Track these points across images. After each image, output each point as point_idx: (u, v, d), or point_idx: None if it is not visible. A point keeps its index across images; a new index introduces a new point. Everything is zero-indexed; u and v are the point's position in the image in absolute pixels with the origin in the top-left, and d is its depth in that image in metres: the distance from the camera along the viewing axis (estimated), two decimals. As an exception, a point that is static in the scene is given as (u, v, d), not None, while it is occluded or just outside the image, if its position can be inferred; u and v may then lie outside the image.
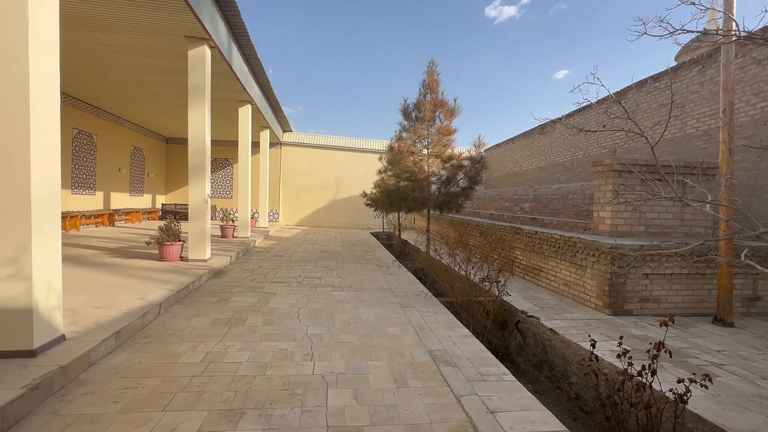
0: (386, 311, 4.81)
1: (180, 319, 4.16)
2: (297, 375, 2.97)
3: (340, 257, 9.08)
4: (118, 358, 3.14)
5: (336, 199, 18.99)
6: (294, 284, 6.04)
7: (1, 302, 2.69)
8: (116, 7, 5.77)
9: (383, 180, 11.52)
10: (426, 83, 8.80)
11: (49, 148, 2.88)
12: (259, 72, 10.13)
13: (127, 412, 2.38)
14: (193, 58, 6.71)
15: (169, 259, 6.73)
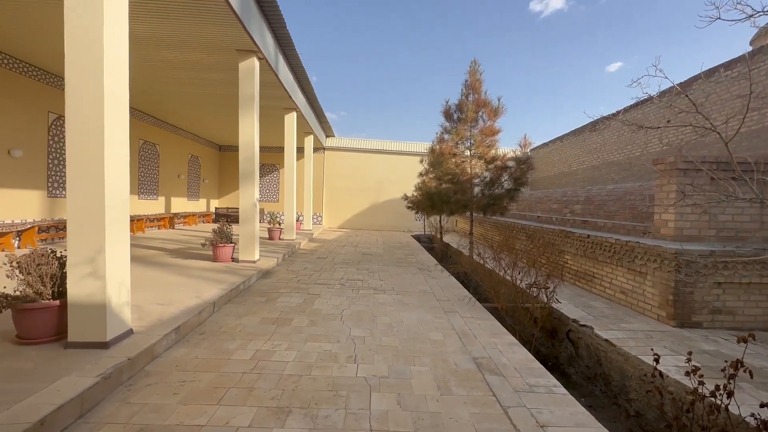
0: (428, 315, 4.75)
1: (232, 317, 4.39)
2: (341, 377, 3.01)
3: (382, 260, 9.13)
4: (177, 352, 3.37)
5: (377, 201, 19.15)
6: (337, 286, 6.16)
7: (81, 298, 2.99)
8: (177, 27, 6.25)
9: (424, 182, 11.44)
10: (468, 83, 8.62)
11: (120, 160, 3.16)
12: (304, 80, 10.49)
13: (185, 404, 2.54)
14: (244, 69, 7.10)
15: (222, 260, 7.14)
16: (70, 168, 2.96)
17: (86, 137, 2.96)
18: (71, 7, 2.93)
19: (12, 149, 7.82)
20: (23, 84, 8.11)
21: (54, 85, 8.87)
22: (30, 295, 3.03)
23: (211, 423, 2.34)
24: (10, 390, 2.35)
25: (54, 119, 8.94)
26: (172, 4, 5.57)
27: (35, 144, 8.47)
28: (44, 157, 8.74)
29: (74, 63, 2.95)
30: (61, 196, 9.20)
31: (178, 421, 2.34)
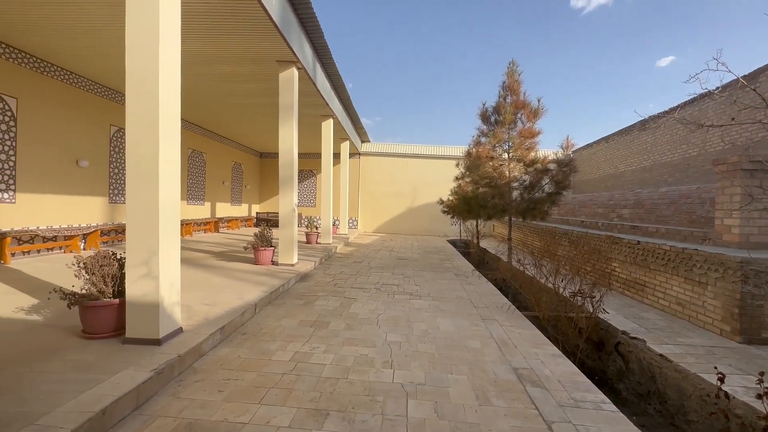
0: (466, 323, 4.65)
1: (272, 318, 4.54)
2: (377, 382, 3.01)
3: (417, 265, 9.08)
4: (222, 351, 3.53)
5: (412, 206, 19.10)
6: (373, 290, 6.19)
7: (137, 297, 3.22)
8: (223, 43, 6.62)
9: (460, 186, 11.27)
10: (506, 85, 8.41)
11: (172, 169, 3.38)
12: (340, 87, 10.72)
13: (229, 401, 2.65)
14: (283, 80, 7.37)
15: (263, 263, 7.41)
16: (129, 177, 3.21)
17: (143, 148, 3.19)
18: (132, 29, 3.18)
19: (80, 160, 8.61)
20: (89, 99, 8.91)
21: (114, 99, 9.67)
22: (94, 293, 3.30)
23: (253, 421, 2.42)
24: (78, 380, 2.57)
25: (115, 131, 9.75)
26: (219, 23, 5.91)
27: (98, 154, 9.27)
28: (106, 167, 9.53)
29: (133, 80, 3.20)
30: (120, 202, 9.98)
31: (223, 418, 2.44)
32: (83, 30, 6.25)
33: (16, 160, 7.19)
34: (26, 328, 3.53)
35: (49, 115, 7.86)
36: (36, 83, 7.55)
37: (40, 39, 6.71)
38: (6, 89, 6.98)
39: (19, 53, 7.19)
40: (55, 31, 6.34)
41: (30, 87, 7.43)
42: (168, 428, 2.32)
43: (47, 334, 3.38)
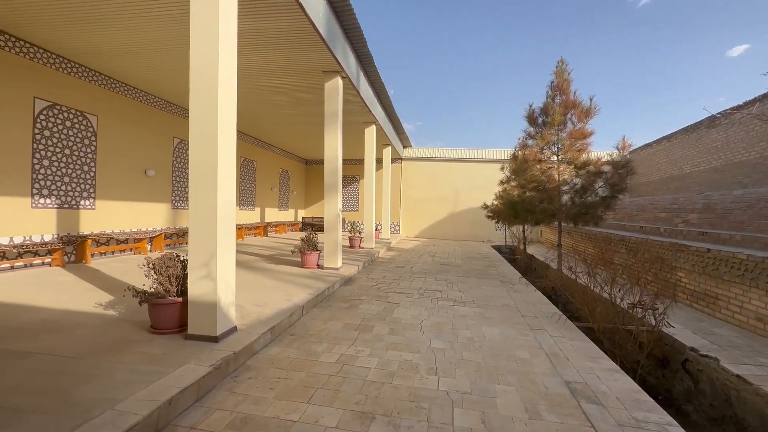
0: (513, 331, 4.49)
1: (318, 321, 4.68)
2: (422, 388, 3.00)
3: (461, 270, 8.91)
4: (272, 350, 3.70)
5: (455, 211, 18.82)
6: (416, 296, 6.17)
7: (197, 297, 3.47)
8: (272, 57, 6.99)
9: (506, 190, 10.95)
10: (554, 84, 8.07)
11: (228, 176, 3.62)
12: (383, 94, 10.87)
13: (280, 399, 2.77)
14: (328, 89, 7.62)
15: (309, 266, 7.66)
16: (191, 185, 3.48)
17: (203, 159, 3.45)
18: (195, 51, 3.46)
19: (147, 169, 9.45)
20: (155, 114, 9.78)
21: (176, 113, 10.53)
22: (161, 292, 3.60)
23: (303, 420, 2.50)
24: (147, 371, 2.81)
25: (177, 143, 10.60)
26: (268, 39, 6.26)
27: (163, 164, 10.12)
28: (169, 175, 10.38)
29: (196, 97, 3.47)
30: (180, 207, 10.81)
31: (275, 415, 2.55)
32: (149, 53, 6.90)
33: (96, 171, 8.05)
34: (104, 322, 3.93)
35: (123, 129, 8.74)
36: (112, 101, 8.43)
37: (114, 62, 7.49)
38: (89, 108, 7.86)
39: (99, 75, 8.07)
40: (127, 54, 7.05)
41: (107, 105, 8.31)
42: (225, 421, 2.46)
43: (121, 328, 3.73)
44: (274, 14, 5.54)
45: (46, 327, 3.71)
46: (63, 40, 6.57)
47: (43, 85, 6.94)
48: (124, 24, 5.86)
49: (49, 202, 7.13)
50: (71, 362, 2.93)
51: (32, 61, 6.75)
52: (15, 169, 6.53)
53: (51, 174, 7.13)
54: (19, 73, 6.56)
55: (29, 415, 2.20)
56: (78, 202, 7.70)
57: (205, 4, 3.44)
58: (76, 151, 7.60)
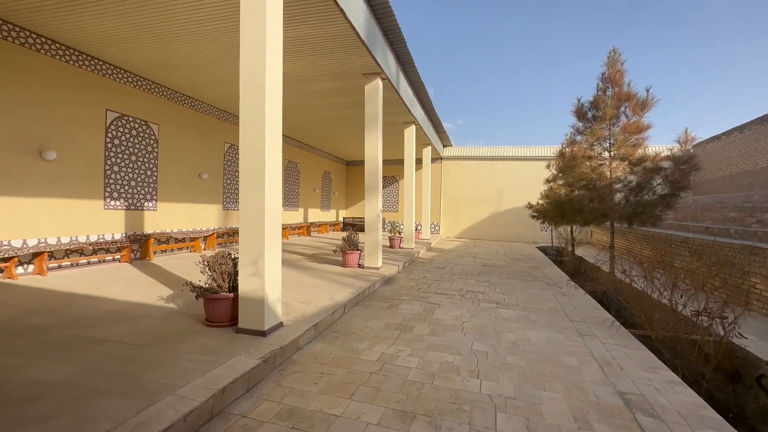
0: (560, 336, 4.30)
1: (359, 319, 4.76)
2: (463, 390, 2.96)
3: (504, 272, 8.66)
4: (315, 346, 3.82)
5: (497, 211, 18.30)
6: (457, 297, 6.09)
7: (247, 293, 3.67)
8: (315, 62, 7.21)
9: (552, 189, 10.48)
10: (606, 76, 7.60)
11: (275, 180, 3.79)
12: (422, 94, 10.83)
13: (324, 393, 2.86)
14: (369, 91, 7.73)
15: (350, 266, 7.81)
16: (241, 188, 3.69)
17: (252, 163, 3.65)
18: (245, 59, 3.67)
19: (201, 173, 10.13)
20: (208, 121, 10.45)
21: (227, 120, 11.18)
22: (214, 287, 3.85)
23: (345, 415, 2.57)
24: (203, 361, 3.02)
25: (227, 147, 11.26)
26: (310, 45, 6.47)
27: (215, 168, 10.79)
28: (221, 178, 11.05)
29: (246, 105, 3.67)
30: (230, 209, 11.47)
31: (318, 408, 2.64)
32: (203, 64, 7.39)
33: (157, 175, 8.76)
34: (166, 313, 4.28)
35: (180, 136, 9.43)
36: (171, 110, 9.13)
37: (173, 74, 8.11)
38: (151, 117, 8.57)
39: (160, 87, 8.78)
40: (184, 67, 7.60)
41: (167, 114, 9.01)
42: (273, 412, 2.59)
43: (180, 320, 4.04)
44: (316, 21, 5.72)
45: (117, 317, 4.10)
46: (129, 57, 7.22)
47: (113, 98, 7.68)
48: (182, 39, 6.33)
49: (118, 204, 7.87)
50: (138, 349, 3.22)
51: (104, 77, 7.49)
52: (91, 175, 7.28)
53: (120, 179, 7.86)
54: (94, 89, 7.30)
55: (105, 395, 2.45)
56: (142, 204, 8.42)
57: (253, 16, 3.63)
58: (140, 157, 8.33)
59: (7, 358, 2.99)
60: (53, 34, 6.32)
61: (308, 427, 2.42)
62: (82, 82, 7.08)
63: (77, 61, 6.96)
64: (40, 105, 6.41)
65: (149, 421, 2.17)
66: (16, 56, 6.07)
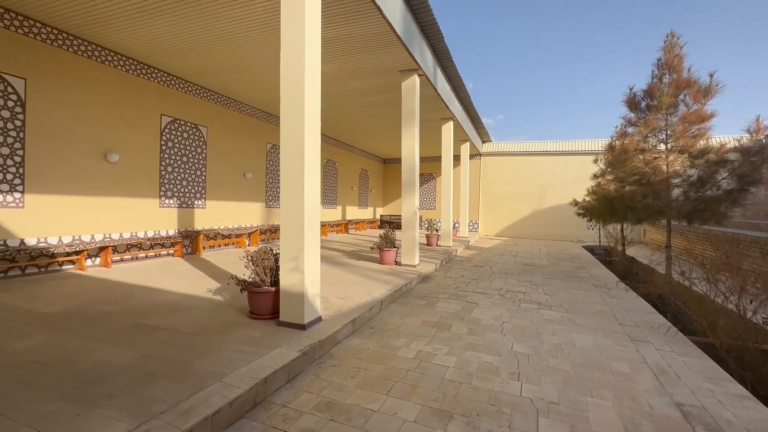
0: (608, 341, 4.05)
1: (396, 316, 4.77)
2: (503, 392, 2.88)
3: (546, 272, 8.30)
4: (353, 341, 3.88)
5: (539, 208, 17.57)
6: (496, 296, 5.92)
7: (288, 287, 3.79)
8: (352, 61, 7.29)
9: (600, 185, 9.90)
10: (662, 62, 7.03)
11: (314, 178, 3.88)
12: (460, 89, 10.61)
13: (361, 388, 2.89)
14: (405, 88, 7.69)
15: (387, 263, 7.85)
16: (282, 187, 3.81)
17: (292, 162, 3.76)
18: (286, 65, 3.78)
19: (246, 172, 10.61)
20: (251, 123, 10.91)
21: (268, 121, 11.61)
22: (257, 282, 4.02)
23: (382, 410, 2.59)
24: (247, 351, 3.17)
25: (269, 147, 11.70)
26: (347, 44, 6.54)
27: (258, 167, 11.25)
28: (263, 177, 11.51)
29: (286, 107, 3.78)
30: (272, 206, 11.91)
31: (356, 403, 2.68)
32: (246, 68, 7.72)
33: (206, 175, 9.29)
34: (213, 305, 4.53)
35: (226, 138, 9.92)
36: (218, 113, 9.63)
37: (219, 79, 8.54)
38: (201, 120, 9.09)
39: (208, 91, 9.28)
40: (229, 71, 7.98)
41: (215, 117, 9.51)
42: (312, 403, 2.66)
43: (226, 312, 4.26)
44: (353, 20, 5.77)
45: (171, 307, 4.40)
46: (180, 64, 7.70)
47: (167, 103, 8.23)
48: (227, 46, 6.65)
49: (171, 202, 8.43)
50: (189, 338, 3.44)
51: (159, 84, 8.04)
52: (148, 175, 7.86)
53: (173, 179, 8.42)
54: (151, 95, 7.87)
55: (160, 379, 2.64)
56: (192, 202, 8.97)
57: (292, 19, 3.73)
58: (191, 158, 8.87)
59: (81, 341, 3.31)
60: (116, 45, 6.88)
61: (346, 420, 2.46)
62: (140, 90, 7.65)
63: (135, 70, 7.53)
64: (105, 112, 7.01)
65: (198, 406, 2.31)
66: (84, 68, 6.67)
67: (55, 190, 6.29)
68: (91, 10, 5.61)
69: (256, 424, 2.41)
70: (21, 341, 3.28)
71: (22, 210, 5.89)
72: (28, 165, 5.93)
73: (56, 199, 6.31)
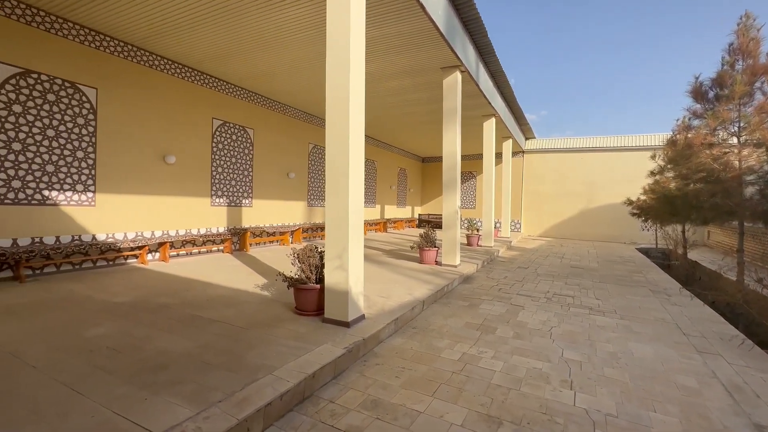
0: (671, 352, 3.75)
1: (438, 317, 4.71)
2: (555, 401, 2.74)
3: (596, 275, 7.84)
4: (395, 341, 3.88)
5: (587, 207, 16.63)
6: (542, 300, 5.68)
7: (332, 285, 3.86)
8: (394, 60, 7.29)
9: (658, 183, 9.18)
10: (734, 47, 6.37)
11: (357, 178, 3.92)
12: (503, 84, 10.28)
13: (405, 388, 2.88)
14: (447, 85, 7.56)
15: (427, 262, 7.78)
16: (327, 187, 3.88)
17: (337, 162, 3.82)
18: (332, 67, 3.85)
19: (289, 172, 10.96)
20: (294, 124, 11.25)
21: (311, 122, 11.90)
22: (303, 279, 4.13)
23: (428, 412, 2.56)
24: (294, 346, 3.27)
25: (311, 148, 12.00)
26: (388, 44, 6.54)
27: (300, 167, 11.58)
28: (305, 177, 11.83)
29: (332, 107, 3.84)
30: (314, 205, 12.22)
31: (401, 402, 2.67)
32: (290, 72, 7.95)
33: (253, 175, 9.71)
34: (261, 300, 4.72)
35: (271, 139, 10.31)
36: (264, 116, 10.02)
37: (264, 82, 8.87)
38: (248, 123, 9.51)
39: (254, 95, 9.69)
40: (274, 75, 8.27)
41: (260, 119, 9.91)
42: (358, 401, 2.69)
43: (273, 307, 4.42)
44: (395, 19, 5.76)
45: (224, 301, 4.64)
46: (229, 69, 8.09)
47: (217, 107, 8.69)
48: (273, 51, 6.89)
49: (221, 201, 8.90)
50: (241, 331, 3.60)
51: (210, 89, 8.51)
52: (201, 176, 8.35)
53: (222, 179, 8.88)
54: (203, 100, 8.34)
55: (216, 369, 2.79)
56: (240, 201, 9.41)
57: (338, 20, 3.78)
58: (239, 159, 9.30)
59: (144, 330, 3.58)
60: (172, 54, 7.35)
61: (392, 419, 2.46)
62: (194, 95, 8.14)
63: (189, 77, 8.01)
64: (163, 117, 7.53)
65: (252, 397, 2.40)
66: (145, 77, 7.20)
67: (121, 189, 6.85)
68: (156, 23, 6.03)
69: (305, 418, 2.48)
70: (95, 328, 3.60)
71: (94, 208, 6.47)
72: (99, 167, 6.50)
73: (121, 198, 6.87)
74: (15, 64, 5.51)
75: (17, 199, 5.58)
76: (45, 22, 5.80)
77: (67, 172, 6.10)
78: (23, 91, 5.60)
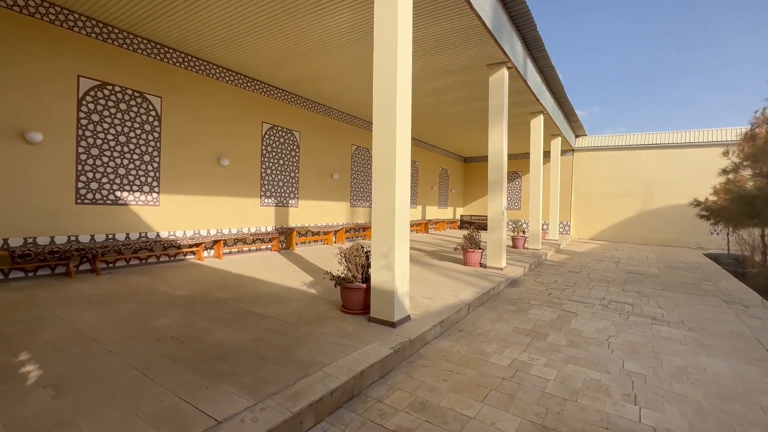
0: (753, 370, 3.37)
1: (485, 320, 4.59)
2: (617, 416, 2.56)
3: (658, 282, 7.25)
4: (442, 343, 3.82)
5: (645, 209, 15.45)
6: (597, 306, 5.34)
7: (378, 284, 3.89)
8: (439, 58, 7.20)
9: (732, 181, 8.33)
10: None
11: (403, 178, 3.91)
12: (552, 79, 9.82)
13: (454, 392, 2.83)
14: (493, 82, 7.35)
15: (471, 264, 7.61)
16: (374, 187, 3.91)
17: (384, 163, 3.83)
18: (378, 68, 3.87)
19: (333, 173, 11.20)
20: (338, 126, 11.48)
21: (354, 124, 12.09)
22: (349, 278, 4.20)
23: (478, 418, 2.49)
24: (342, 344, 3.32)
25: (354, 149, 12.19)
26: (434, 42, 6.48)
27: (343, 168, 11.80)
28: (348, 178, 12.03)
29: (378, 113, 3.85)
30: (357, 206, 12.39)
31: (450, 407, 2.62)
32: (333, 76, 8.12)
33: (299, 177, 10.04)
34: (309, 298, 4.85)
35: (316, 141, 10.60)
36: (309, 118, 10.33)
37: (309, 86, 9.13)
38: (294, 126, 9.85)
39: (300, 98, 10.01)
40: (318, 79, 8.49)
41: (306, 122, 10.23)
42: (405, 402, 2.68)
43: (321, 305, 4.53)
44: (441, 17, 5.70)
45: (274, 297, 4.83)
46: (279, 75, 8.42)
47: (266, 111, 9.08)
48: (319, 55, 7.08)
49: (270, 201, 9.28)
50: (291, 327, 3.73)
51: (260, 94, 8.91)
52: (251, 177, 8.77)
53: (271, 180, 9.27)
54: (253, 105, 8.76)
55: (270, 362, 2.90)
56: (287, 202, 9.77)
57: (385, 18, 3.80)
58: (286, 161, 9.66)
59: (203, 322, 3.81)
60: (226, 62, 7.79)
61: (441, 423, 2.42)
62: (245, 100, 8.57)
63: (241, 83, 8.45)
64: (218, 122, 7.99)
65: (304, 391, 2.47)
66: (202, 85, 7.69)
67: (181, 190, 7.36)
68: (218, 34, 6.42)
69: (354, 415, 2.50)
70: (161, 319, 3.89)
71: (158, 208, 7.00)
72: (162, 170, 7.03)
73: (181, 198, 7.38)
74: (95, 78, 6.11)
75: (95, 200, 6.17)
76: (118, 39, 6.37)
77: (135, 174, 6.66)
78: (100, 102, 6.20)
